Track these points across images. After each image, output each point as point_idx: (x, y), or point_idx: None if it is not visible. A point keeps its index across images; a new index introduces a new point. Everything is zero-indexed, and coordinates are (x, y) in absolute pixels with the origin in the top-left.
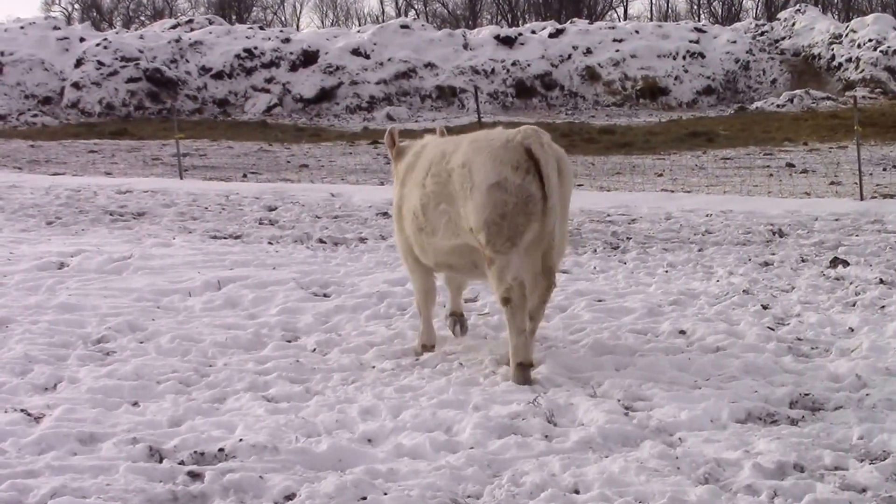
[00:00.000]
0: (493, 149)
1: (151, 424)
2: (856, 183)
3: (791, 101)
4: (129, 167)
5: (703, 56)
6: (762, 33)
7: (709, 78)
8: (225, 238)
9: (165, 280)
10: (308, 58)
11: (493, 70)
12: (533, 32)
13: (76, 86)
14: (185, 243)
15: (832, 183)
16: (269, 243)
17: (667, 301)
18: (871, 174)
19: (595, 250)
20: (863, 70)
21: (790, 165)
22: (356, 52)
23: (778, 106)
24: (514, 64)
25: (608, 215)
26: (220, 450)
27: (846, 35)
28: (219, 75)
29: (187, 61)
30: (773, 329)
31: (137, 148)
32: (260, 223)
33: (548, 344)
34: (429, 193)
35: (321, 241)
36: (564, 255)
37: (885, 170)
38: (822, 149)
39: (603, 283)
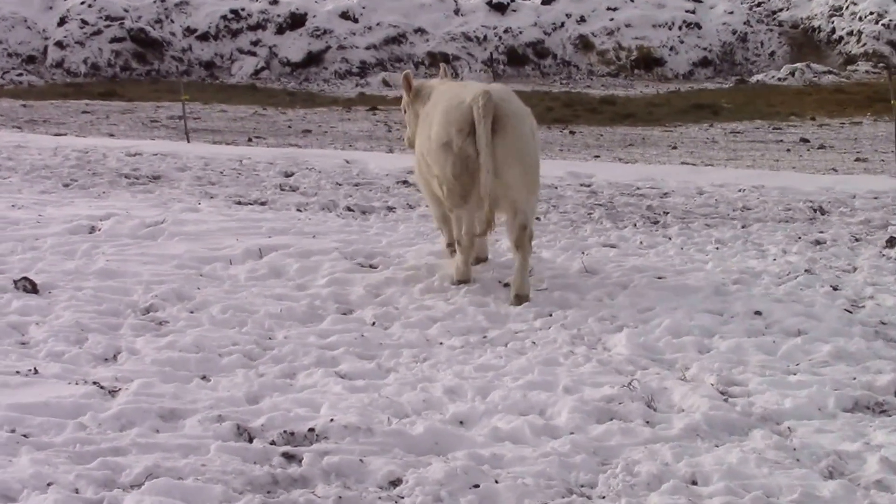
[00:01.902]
0: (446, 110)
1: (231, 401)
2: (883, 160)
3: (792, 74)
4: (130, 129)
5: (699, 27)
6: (759, 4)
7: (705, 49)
8: (250, 204)
9: (204, 247)
10: (295, 21)
11: (485, 37)
12: None
13: (60, 45)
14: (212, 209)
15: (857, 159)
16: (298, 210)
17: (730, 280)
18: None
19: (635, 224)
20: (865, 44)
21: (804, 141)
22: (344, 15)
23: (779, 79)
24: (506, 31)
25: (637, 188)
26: (311, 430)
27: (846, 7)
28: (204, 37)
29: (172, 21)
30: (850, 312)
31: (130, 109)
32: (281, 189)
33: (618, 323)
34: (422, 143)
35: (349, 209)
36: (536, 202)
37: None
38: (832, 124)
39: (656, 259)
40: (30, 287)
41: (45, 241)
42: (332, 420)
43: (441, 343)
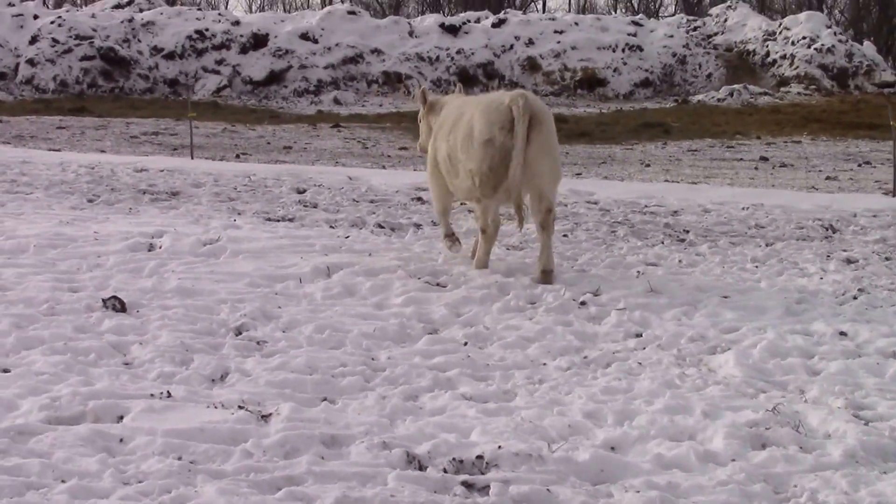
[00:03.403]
0: (488, 111)
1: (381, 426)
2: (851, 179)
3: (731, 95)
4: (116, 145)
5: (640, 49)
6: (695, 28)
7: (647, 71)
8: (279, 221)
9: (270, 265)
10: (258, 41)
11: (437, 57)
12: (477, 21)
13: (31, 62)
14: (250, 225)
15: (828, 178)
16: (331, 227)
17: (792, 300)
18: (851, 170)
19: (663, 242)
20: (797, 67)
21: (764, 159)
22: (305, 36)
23: (718, 100)
24: (458, 52)
25: (645, 206)
26: (479, 457)
27: (780, 32)
28: (170, 56)
29: (139, 41)
30: None
31: (103, 125)
32: (304, 206)
33: (710, 344)
34: (453, 145)
35: (380, 226)
36: (558, 186)
37: (859, 165)
38: (777, 142)
39: (706, 279)
40: (119, 306)
41: (107, 258)
42: (500, 447)
43: (545, 364)
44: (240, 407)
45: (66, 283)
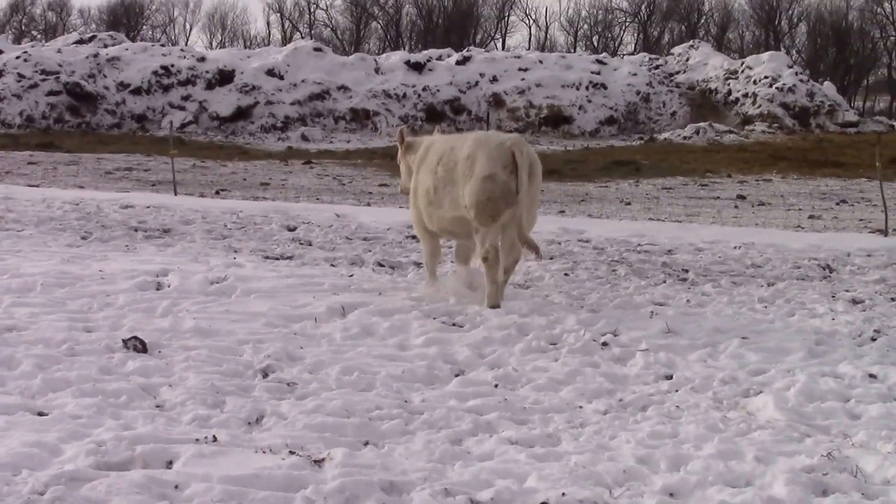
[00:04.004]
0: (490, 149)
1: (439, 472)
2: (835, 217)
3: (697, 133)
4: (93, 181)
5: (605, 87)
6: (657, 67)
7: (611, 108)
8: (278, 259)
9: (283, 304)
10: (224, 77)
11: (404, 94)
12: (440, 59)
13: None
14: (251, 263)
15: (811, 216)
16: (332, 265)
17: (811, 341)
18: (831, 209)
19: (665, 282)
20: (760, 105)
21: (741, 197)
22: (271, 72)
23: (685, 138)
24: (424, 89)
25: (639, 245)
26: None
27: (742, 71)
28: (136, 91)
29: (105, 76)
30: None
31: (75, 161)
32: (300, 244)
33: (743, 387)
34: (439, 178)
35: (380, 264)
36: (533, 229)
37: (837, 204)
38: (748, 180)
39: (720, 319)
40: (140, 346)
41: (116, 297)
42: (563, 494)
43: (581, 407)
44: (290, 452)
45: (81, 322)
